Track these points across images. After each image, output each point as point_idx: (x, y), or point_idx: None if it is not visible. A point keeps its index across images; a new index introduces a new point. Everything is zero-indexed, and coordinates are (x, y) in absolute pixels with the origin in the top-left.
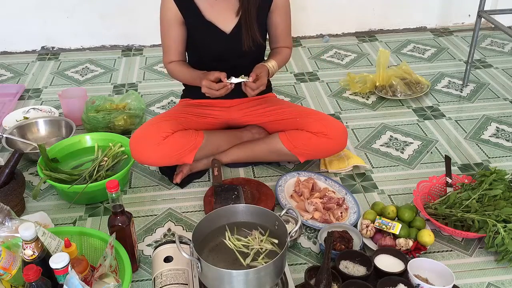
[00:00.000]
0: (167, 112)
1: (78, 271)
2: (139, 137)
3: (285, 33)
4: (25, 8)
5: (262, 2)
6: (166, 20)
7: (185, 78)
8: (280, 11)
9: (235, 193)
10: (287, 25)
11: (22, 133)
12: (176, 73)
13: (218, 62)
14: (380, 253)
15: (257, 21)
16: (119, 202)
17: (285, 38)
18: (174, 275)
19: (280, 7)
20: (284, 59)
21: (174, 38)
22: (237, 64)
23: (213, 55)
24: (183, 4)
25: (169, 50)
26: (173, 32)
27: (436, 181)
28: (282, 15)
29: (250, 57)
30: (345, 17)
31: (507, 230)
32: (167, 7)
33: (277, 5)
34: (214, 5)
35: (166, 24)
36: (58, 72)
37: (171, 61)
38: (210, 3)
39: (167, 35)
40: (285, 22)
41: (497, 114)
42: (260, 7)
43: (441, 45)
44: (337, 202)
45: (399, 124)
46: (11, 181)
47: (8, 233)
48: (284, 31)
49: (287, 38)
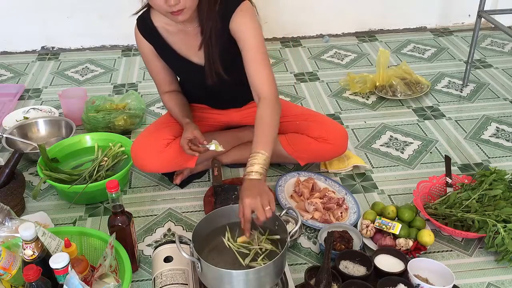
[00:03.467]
0: (166, 115)
1: (78, 271)
2: (140, 145)
3: (257, 75)
4: (25, 8)
5: (222, 31)
6: (144, 55)
7: (174, 115)
8: (243, 43)
9: (235, 193)
10: (258, 63)
11: (22, 133)
12: (168, 109)
13: (201, 89)
14: (380, 253)
15: (220, 53)
16: (119, 202)
17: (259, 83)
18: (174, 275)
19: (244, 40)
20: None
21: (158, 71)
22: (221, 89)
23: (195, 85)
24: (154, 41)
25: (158, 82)
26: (155, 66)
27: (436, 181)
28: (247, 48)
29: (231, 83)
30: (345, 17)
31: (507, 230)
32: (141, 45)
33: (236, 34)
34: (184, 40)
35: (146, 60)
36: (58, 72)
37: (163, 92)
38: (180, 38)
39: (151, 69)
40: (254, 60)
41: (497, 114)
42: (224, 37)
43: (441, 45)
44: (337, 202)
45: (399, 124)
46: (11, 181)
47: (8, 233)
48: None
49: (261, 83)
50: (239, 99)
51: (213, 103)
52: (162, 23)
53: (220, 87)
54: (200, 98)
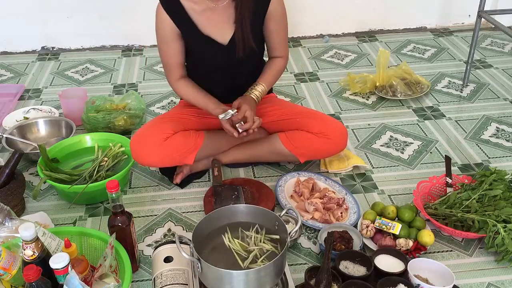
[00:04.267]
0: (168, 112)
1: (78, 271)
2: (140, 138)
3: (280, 41)
4: (25, 8)
5: (257, 10)
6: (163, 36)
7: (196, 102)
8: (275, 19)
9: (235, 193)
10: (283, 33)
11: (22, 133)
12: (187, 94)
13: (216, 71)
14: (380, 253)
15: (252, 30)
16: (119, 202)
17: (281, 46)
18: (174, 275)
19: (275, 15)
20: (276, 74)
21: (174, 54)
22: (235, 72)
23: (211, 66)
24: (178, 19)
25: (172, 67)
26: (173, 48)
27: (436, 181)
28: (277, 23)
29: (247, 65)
30: (345, 17)
31: (507, 230)
32: (162, 24)
33: (271, 13)
34: (210, 18)
35: (164, 41)
36: (58, 72)
37: (177, 79)
38: (206, 17)
39: (166, 52)
40: (281, 31)
41: (497, 114)
42: (255, 15)
43: (441, 45)
44: (337, 202)
45: (399, 124)
46: (11, 181)
47: (8, 233)
48: (279, 40)
49: (282, 47)
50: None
51: (222, 90)
52: (189, 1)
53: (239, 68)
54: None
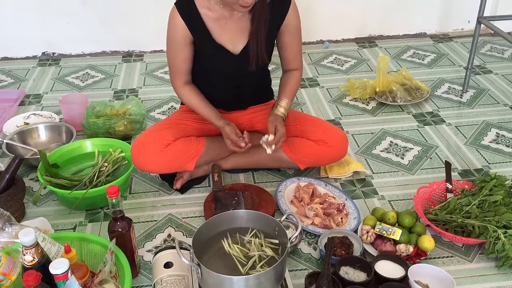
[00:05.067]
0: (168, 118)
1: (78, 277)
2: (140, 144)
3: (296, 54)
4: (25, 14)
5: (272, 22)
6: (175, 40)
7: (199, 111)
8: (290, 32)
9: (235, 198)
10: (298, 46)
11: (22, 139)
12: (191, 101)
13: (223, 79)
14: (380, 259)
15: (266, 42)
16: (119, 207)
17: (296, 59)
18: (174, 281)
19: (291, 28)
20: (295, 88)
21: (183, 59)
22: (243, 83)
23: (219, 73)
24: (194, 26)
25: (179, 72)
26: (182, 54)
27: (436, 186)
28: (292, 35)
29: (256, 76)
30: (345, 23)
31: (507, 236)
32: (176, 29)
33: (287, 26)
34: (224, 26)
35: (175, 46)
36: (59, 78)
37: (182, 85)
38: (220, 25)
39: (175, 57)
40: (296, 43)
41: (497, 120)
42: (270, 28)
43: (441, 51)
44: (337, 207)
45: (399, 130)
46: (11, 187)
47: (8, 238)
48: (294, 52)
49: (297, 59)
50: (253, 97)
51: (225, 97)
52: (205, 8)
53: (246, 77)
54: (213, 94)
